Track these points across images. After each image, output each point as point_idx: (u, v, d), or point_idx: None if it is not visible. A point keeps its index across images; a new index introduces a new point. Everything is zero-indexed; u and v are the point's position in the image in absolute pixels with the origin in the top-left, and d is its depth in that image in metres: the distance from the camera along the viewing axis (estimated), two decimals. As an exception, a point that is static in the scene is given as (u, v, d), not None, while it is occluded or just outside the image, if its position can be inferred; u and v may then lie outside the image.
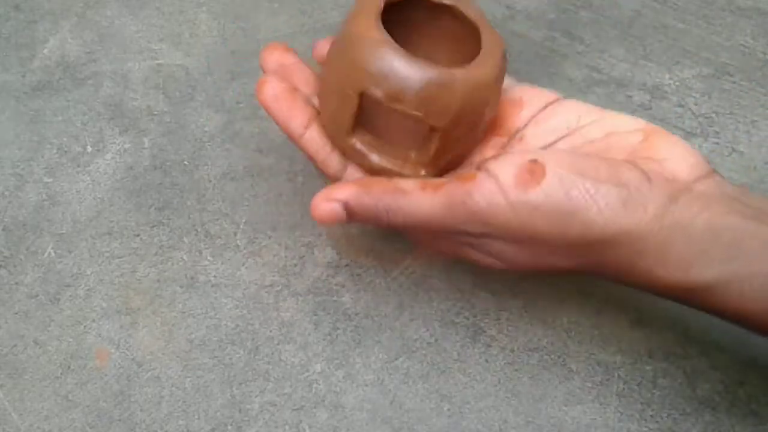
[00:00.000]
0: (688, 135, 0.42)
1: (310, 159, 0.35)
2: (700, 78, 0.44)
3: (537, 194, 0.30)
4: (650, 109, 0.43)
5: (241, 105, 0.44)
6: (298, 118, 0.34)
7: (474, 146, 0.35)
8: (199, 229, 0.41)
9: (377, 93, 0.32)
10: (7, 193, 0.42)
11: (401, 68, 0.31)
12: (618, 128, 0.33)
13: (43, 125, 0.44)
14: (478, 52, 0.33)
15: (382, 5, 0.33)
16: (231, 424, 0.35)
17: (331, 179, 0.35)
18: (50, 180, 0.42)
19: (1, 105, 0.45)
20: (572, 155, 0.31)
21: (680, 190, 0.30)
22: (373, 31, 0.32)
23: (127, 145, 0.43)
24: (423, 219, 0.32)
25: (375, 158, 0.34)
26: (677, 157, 0.31)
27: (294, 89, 0.35)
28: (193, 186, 0.42)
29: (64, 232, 0.41)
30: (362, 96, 0.32)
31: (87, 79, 0.46)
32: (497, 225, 0.31)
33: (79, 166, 0.43)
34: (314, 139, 0.34)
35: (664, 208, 0.30)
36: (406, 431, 0.35)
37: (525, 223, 0.30)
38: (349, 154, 0.34)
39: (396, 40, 0.33)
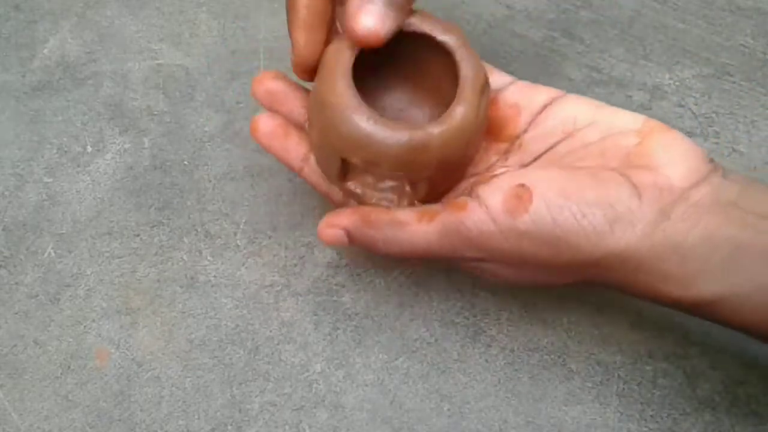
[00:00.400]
0: (688, 135, 0.42)
1: (311, 187, 0.36)
2: (700, 78, 0.44)
3: (524, 221, 0.30)
4: (650, 109, 0.43)
5: (241, 105, 0.44)
6: (293, 153, 0.35)
7: (466, 169, 0.35)
8: (199, 229, 0.41)
9: (354, 160, 0.32)
10: (7, 193, 0.42)
11: (374, 135, 0.31)
12: (614, 129, 0.33)
13: (43, 125, 0.44)
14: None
15: (353, 60, 0.31)
16: (231, 424, 0.35)
17: (336, 206, 0.35)
18: (50, 180, 0.42)
19: (1, 105, 0.45)
20: (561, 174, 0.31)
21: (674, 202, 0.30)
22: (344, 96, 0.31)
23: (127, 145, 0.43)
24: (420, 249, 0.33)
25: (371, 197, 0.34)
26: (674, 161, 0.31)
27: (286, 124, 0.35)
28: (193, 186, 0.42)
29: (64, 232, 0.41)
30: (343, 159, 0.33)
31: (87, 79, 0.46)
32: (491, 250, 0.31)
33: (79, 166, 0.43)
34: (313, 173, 0.36)
35: (654, 225, 0.29)
36: (406, 431, 0.35)
37: (516, 248, 0.31)
38: (344, 194, 0.35)
39: (373, 81, 0.33)
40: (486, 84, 0.33)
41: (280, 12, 0.49)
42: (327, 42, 0.33)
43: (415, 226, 0.32)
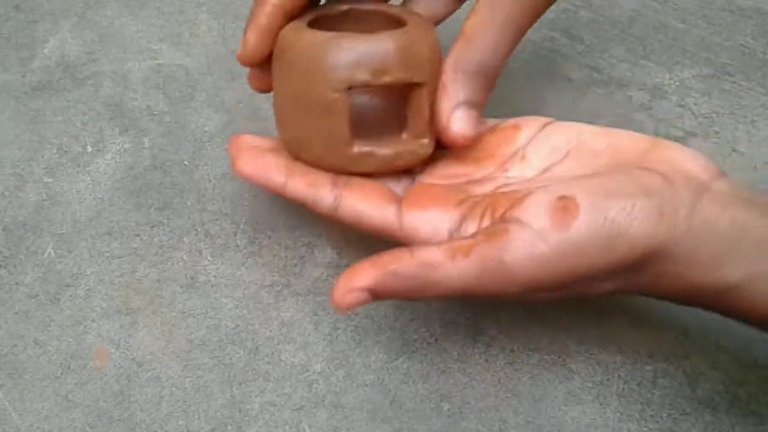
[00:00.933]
0: (688, 135, 0.42)
1: (299, 203, 0.34)
2: (700, 78, 0.44)
3: (578, 229, 0.29)
4: (650, 109, 0.43)
5: (241, 105, 0.44)
6: (273, 171, 0.34)
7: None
8: (199, 229, 0.41)
9: (364, 77, 0.32)
10: (7, 193, 0.42)
11: (371, 46, 0.32)
12: (622, 139, 0.33)
13: (43, 125, 0.44)
14: None
15: (306, 22, 0.34)
16: (231, 424, 0.35)
17: (324, 217, 0.34)
18: (50, 180, 0.42)
19: (1, 105, 0.45)
20: (592, 178, 0.31)
21: (701, 189, 0.30)
22: (320, 35, 0.33)
23: (127, 145, 0.43)
24: (457, 291, 0.30)
25: (382, 151, 0.34)
26: (688, 159, 0.31)
27: (257, 147, 0.35)
28: (193, 186, 0.42)
29: (64, 232, 0.41)
30: (350, 89, 0.32)
31: (87, 79, 0.46)
32: (538, 281, 0.29)
33: (79, 166, 0.43)
34: (298, 185, 0.34)
35: (692, 209, 0.29)
36: (406, 431, 0.35)
37: (572, 263, 0.29)
38: (349, 164, 0.34)
39: None
40: (420, 15, 0.35)
41: (280, 12, 0.49)
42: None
43: (449, 267, 0.29)
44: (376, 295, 0.30)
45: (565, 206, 0.29)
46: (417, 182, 0.35)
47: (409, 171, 0.36)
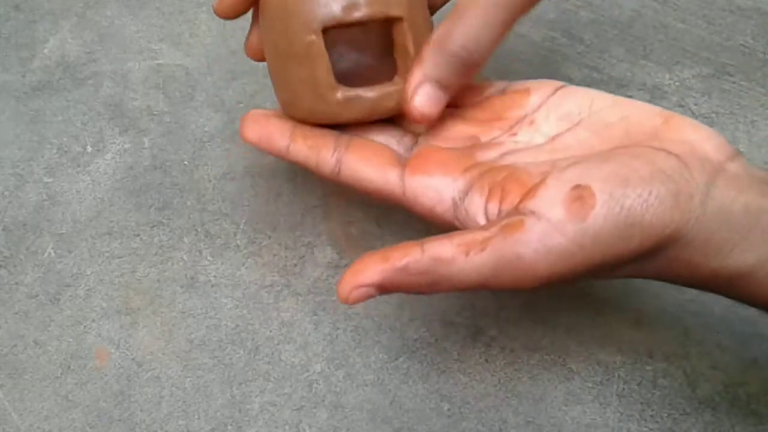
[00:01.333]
0: (688, 135, 0.42)
1: (303, 167, 0.34)
2: (700, 78, 0.44)
3: (595, 219, 0.28)
4: (650, 109, 0.43)
5: (241, 105, 0.44)
6: (276, 135, 0.34)
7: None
8: (199, 229, 0.41)
9: (336, 13, 0.32)
10: (7, 193, 0.42)
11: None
12: (635, 110, 0.32)
13: (43, 125, 0.44)
14: None
15: None
16: (231, 424, 0.35)
17: (328, 178, 0.34)
18: (50, 180, 0.42)
19: (1, 105, 0.45)
20: (607, 163, 0.30)
21: (715, 172, 0.29)
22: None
23: (127, 145, 0.43)
24: (471, 286, 0.29)
25: (369, 93, 0.33)
26: (702, 138, 0.31)
27: (265, 113, 0.35)
28: (193, 186, 0.42)
29: (64, 232, 0.41)
30: (326, 31, 0.32)
31: (87, 79, 0.46)
32: (560, 274, 0.29)
33: (79, 166, 0.43)
34: (300, 148, 0.34)
35: (706, 194, 0.29)
36: (406, 431, 0.35)
37: (589, 254, 0.28)
38: (337, 113, 0.33)
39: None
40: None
41: (280, 12, 0.49)
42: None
43: (463, 262, 0.28)
44: (384, 290, 0.29)
45: (580, 196, 0.29)
46: (421, 144, 0.34)
47: (411, 131, 0.35)
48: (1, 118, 0.44)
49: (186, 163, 0.43)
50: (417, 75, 0.33)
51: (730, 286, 0.30)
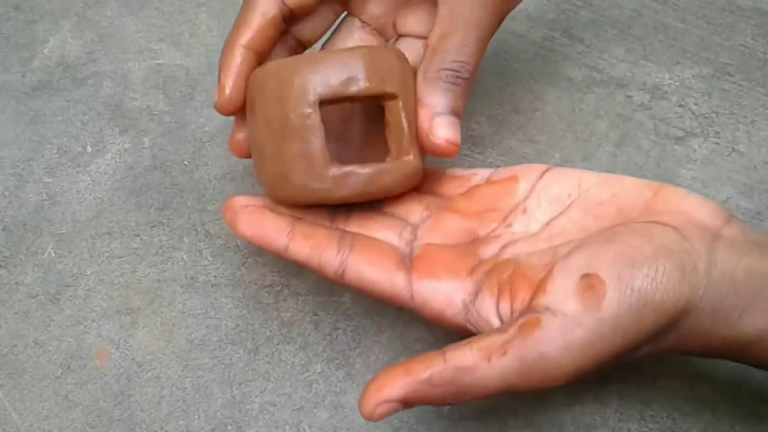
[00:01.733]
0: (688, 135, 0.42)
1: (304, 266, 0.33)
2: (700, 78, 0.44)
3: (609, 306, 0.28)
4: (650, 109, 0.43)
5: (241, 105, 0.44)
6: (274, 232, 0.33)
7: None
8: (199, 229, 0.41)
9: (332, 87, 0.32)
10: (7, 193, 0.42)
11: (337, 59, 0.32)
12: (623, 185, 0.33)
13: (43, 125, 0.44)
14: None
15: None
16: (231, 424, 0.35)
17: (331, 279, 0.33)
18: (50, 180, 0.42)
19: (1, 105, 0.45)
20: (610, 246, 0.30)
21: (714, 238, 0.29)
22: (286, 60, 0.33)
23: (127, 145, 0.43)
24: (497, 390, 0.29)
25: (365, 170, 0.33)
26: (695, 206, 0.31)
27: (256, 207, 0.33)
28: (193, 186, 0.42)
29: (64, 232, 0.41)
30: (321, 105, 0.32)
31: (87, 79, 0.46)
32: (581, 365, 0.28)
33: (79, 166, 0.43)
34: (300, 248, 0.32)
35: (708, 262, 0.29)
36: (406, 431, 0.35)
37: (609, 342, 0.28)
38: (331, 190, 0.33)
39: None
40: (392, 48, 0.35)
41: (280, 12, 0.49)
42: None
43: (486, 368, 0.28)
44: (409, 404, 0.29)
45: (590, 285, 0.29)
46: (422, 243, 0.34)
47: (409, 222, 0.35)
48: (1, 118, 0.44)
49: (186, 163, 0.43)
50: (424, 112, 0.34)
51: (743, 353, 0.30)
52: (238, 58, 0.34)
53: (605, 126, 0.43)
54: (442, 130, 0.33)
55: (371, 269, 0.32)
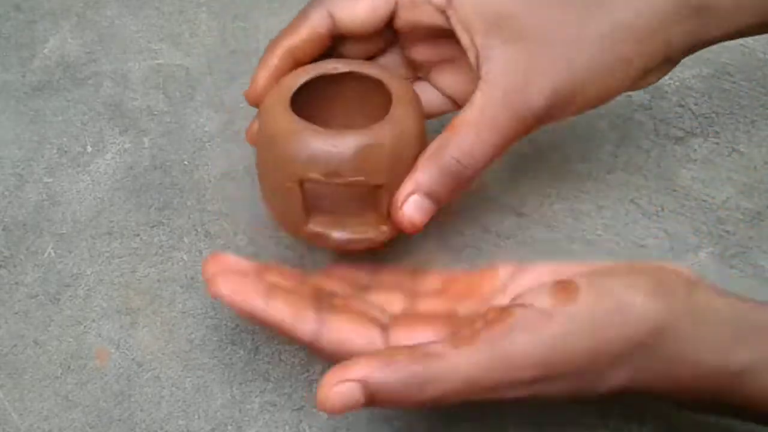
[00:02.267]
0: (688, 135, 0.42)
1: (276, 329, 0.30)
2: (700, 78, 0.44)
3: (585, 301, 0.28)
4: (650, 109, 0.43)
5: (241, 105, 0.44)
6: (250, 293, 0.30)
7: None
8: (199, 229, 0.41)
9: (315, 176, 0.33)
10: (7, 193, 0.42)
11: (326, 146, 0.33)
12: (605, 262, 0.32)
13: (43, 125, 0.44)
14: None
15: (290, 94, 0.35)
16: (231, 424, 0.36)
17: (307, 345, 0.30)
18: (50, 180, 0.42)
19: (1, 105, 0.45)
20: (589, 268, 0.30)
21: (693, 282, 0.30)
22: (288, 122, 0.34)
23: (127, 145, 0.43)
24: (464, 383, 0.27)
25: (337, 234, 0.35)
26: (674, 266, 0.31)
27: (240, 271, 0.32)
28: (193, 186, 0.42)
29: (64, 232, 0.41)
30: (303, 183, 0.34)
31: (87, 79, 0.46)
32: (552, 361, 0.28)
33: (79, 166, 0.43)
34: (279, 309, 0.30)
35: (688, 293, 0.29)
36: (406, 431, 0.35)
37: (578, 339, 0.28)
38: (308, 241, 0.37)
39: (314, 112, 0.36)
40: (416, 98, 0.36)
41: (280, 12, 0.49)
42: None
43: (453, 356, 0.27)
44: (370, 393, 0.27)
45: (565, 287, 0.29)
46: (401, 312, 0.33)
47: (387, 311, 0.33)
48: (1, 118, 0.44)
49: (186, 163, 0.43)
50: (409, 184, 0.34)
51: (736, 388, 0.29)
52: (275, 59, 0.36)
53: (605, 126, 0.43)
54: (411, 210, 0.34)
55: (349, 326, 0.30)
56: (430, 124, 0.37)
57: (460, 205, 0.40)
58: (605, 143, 0.42)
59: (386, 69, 0.37)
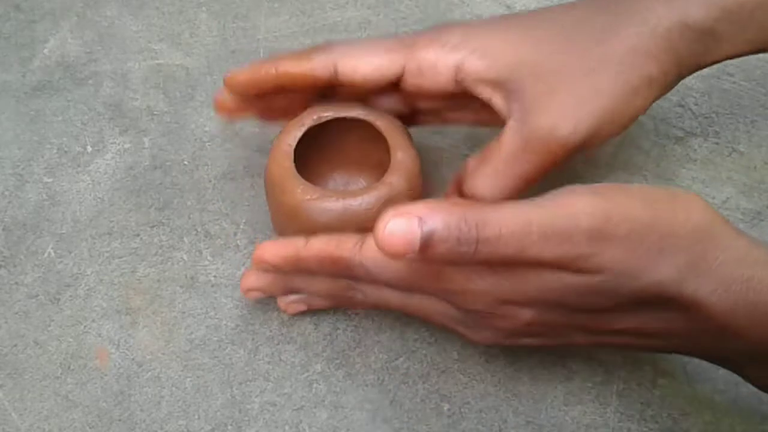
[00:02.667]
0: (688, 135, 0.42)
1: (321, 261, 0.32)
2: (700, 78, 0.44)
3: (635, 186, 0.29)
4: (650, 109, 0.43)
5: (241, 105, 0.44)
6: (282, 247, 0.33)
7: None
8: (199, 229, 0.41)
9: (289, 234, 0.34)
10: (7, 193, 0.42)
11: (305, 205, 0.34)
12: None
13: (43, 125, 0.44)
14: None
15: (297, 140, 0.36)
16: (231, 424, 0.35)
17: (353, 272, 0.32)
18: (50, 180, 0.42)
19: (1, 105, 0.45)
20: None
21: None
22: (283, 168, 0.35)
23: (127, 145, 0.43)
24: (522, 226, 0.27)
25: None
26: None
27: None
28: (193, 186, 0.42)
29: (64, 232, 0.41)
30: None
31: (87, 79, 0.46)
32: (608, 212, 0.27)
33: (79, 166, 0.43)
34: (315, 242, 0.32)
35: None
36: (406, 431, 0.35)
37: (633, 203, 0.28)
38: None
39: (320, 156, 0.38)
40: (417, 169, 0.36)
41: (280, 12, 0.49)
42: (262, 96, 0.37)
43: (510, 204, 0.28)
44: (429, 238, 0.26)
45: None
46: None
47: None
48: (1, 118, 0.44)
49: (186, 163, 0.43)
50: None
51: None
52: (265, 73, 0.36)
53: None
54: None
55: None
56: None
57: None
58: (605, 143, 0.42)
59: (371, 109, 0.37)
